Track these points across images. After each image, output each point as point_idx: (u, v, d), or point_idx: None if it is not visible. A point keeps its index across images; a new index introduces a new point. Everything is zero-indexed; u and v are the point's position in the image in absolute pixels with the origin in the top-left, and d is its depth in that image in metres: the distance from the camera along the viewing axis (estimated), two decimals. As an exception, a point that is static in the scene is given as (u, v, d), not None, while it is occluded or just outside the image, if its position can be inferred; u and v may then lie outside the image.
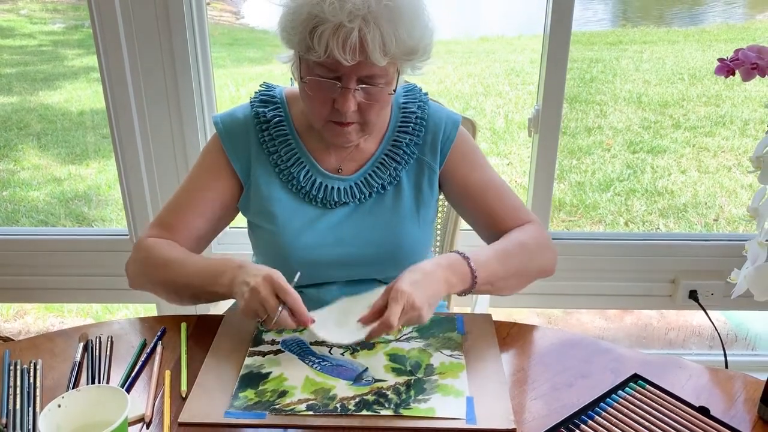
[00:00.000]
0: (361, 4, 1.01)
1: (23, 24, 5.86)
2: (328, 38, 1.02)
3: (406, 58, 1.10)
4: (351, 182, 1.22)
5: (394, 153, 1.23)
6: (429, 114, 1.25)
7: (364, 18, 1.01)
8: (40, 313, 2.59)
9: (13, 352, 1.09)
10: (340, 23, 1.01)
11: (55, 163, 3.94)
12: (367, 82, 1.08)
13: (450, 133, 1.25)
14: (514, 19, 7.04)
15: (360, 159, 1.23)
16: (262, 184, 1.21)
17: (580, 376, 1.04)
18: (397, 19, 1.04)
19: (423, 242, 1.27)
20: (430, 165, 1.24)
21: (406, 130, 1.23)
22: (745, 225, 3.29)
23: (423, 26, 1.09)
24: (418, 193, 1.23)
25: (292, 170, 1.20)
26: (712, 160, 3.92)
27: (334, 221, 1.21)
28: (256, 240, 1.27)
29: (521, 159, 3.96)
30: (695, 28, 6.57)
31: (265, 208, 1.20)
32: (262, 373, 1.03)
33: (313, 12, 1.02)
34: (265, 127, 1.22)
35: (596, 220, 3.40)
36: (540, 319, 2.54)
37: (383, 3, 1.02)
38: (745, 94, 4.57)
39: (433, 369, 1.03)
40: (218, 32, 6.29)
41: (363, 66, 1.05)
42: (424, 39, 1.10)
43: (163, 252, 1.17)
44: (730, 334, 2.37)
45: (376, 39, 1.02)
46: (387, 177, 1.22)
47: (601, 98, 4.65)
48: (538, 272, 1.21)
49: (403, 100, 1.26)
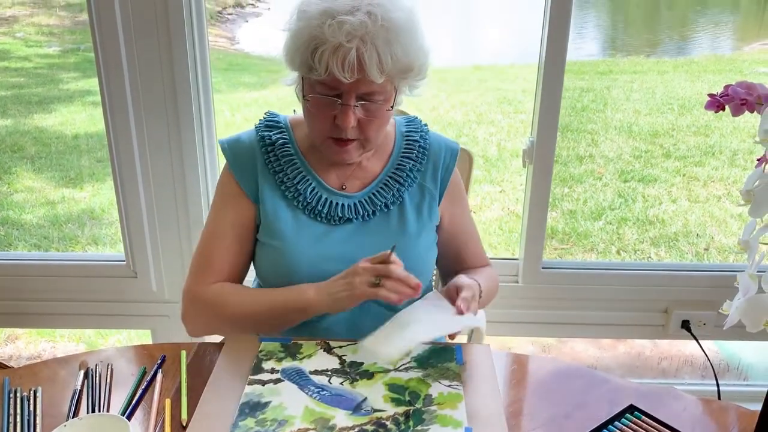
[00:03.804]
0: (359, 26, 1.08)
1: (19, 47, 5.88)
2: (328, 58, 1.09)
3: (402, 75, 1.17)
4: (355, 199, 1.26)
5: (397, 175, 1.28)
6: (430, 143, 1.32)
7: (362, 38, 1.08)
8: (31, 338, 2.57)
9: (12, 379, 1.09)
10: (339, 43, 1.08)
11: (49, 186, 3.93)
12: (366, 98, 1.15)
13: (449, 162, 1.32)
14: (506, 49, 7.14)
15: (364, 178, 1.28)
16: (269, 203, 1.24)
17: (577, 407, 1.05)
18: (393, 39, 1.11)
19: (426, 264, 1.31)
20: (431, 192, 1.30)
21: (410, 156, 1.30)
22: (735, 255, 3.32)
23: (418, 46, 1.16)
24: (419, 216, 1.28)
25: (298, 187, 1.25)
26: (702, 190, 3.96)
27: (338, 238, 1.24)
28: (260, 258, 1.29)
29: (513, 187, 3.99)
30: (684, 58, 6.68)
31: (271, 225, 1.24)
32: (261, 402, 1.03)
33: (314, 34, 1.09)
34: (270, 149, 1.26)
35: (588, 248, 3.42)
36: (534, 347, 2.55)
37: (379, 24, 1.09)
38: (734, 125, 4.64)
39: (432, 399, 1.04)
40: (214, 57, 6.31)
41: (362, 83, 1.12)
42: (419, 58, 1.17)
43: (225, 293, 1.24)
44: (722, 364, 2.39)
45: (373, 57, 1.09)
46: (390, 197, 1.27)
47: (592, 127, 4.70)
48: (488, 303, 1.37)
49: (405, 129, 1.33)
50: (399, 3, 1.15)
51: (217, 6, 7.82)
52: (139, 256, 1.96)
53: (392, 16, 1.11)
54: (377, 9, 1.10)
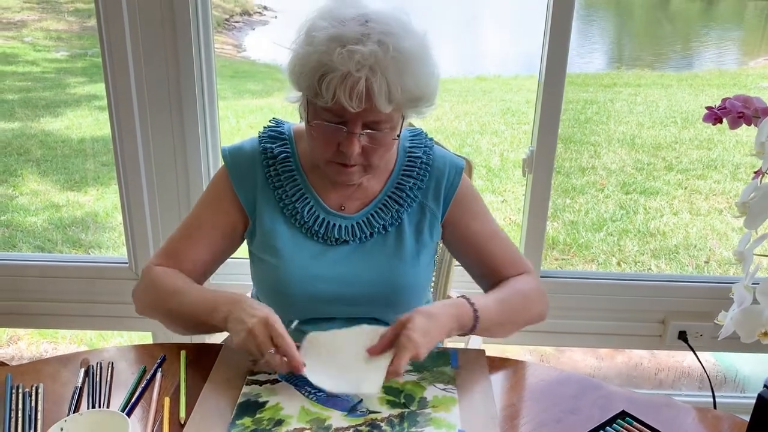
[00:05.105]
0: (369, 55, 1.04)
1: (27, 51, 5.94)
2: (335, 86, 1.05)
3: (412, 105, 1.14)
4: (353, 221, 1.23)
5: (397, 195, 1.25)
6: (434, 159, 1.27)
7: (371, 68, 1.04)
8: (33, 339, 2.59)
9: (14, 376, 1.11)
10: (348, 72, 1.04)
11: (54, 189, 3.97)
12: (372, 127, 1.11)
13: (453, 179, 1.27)
14: (510, 60, 7.17)
15: (363, 198, 1.25)
16: (266, 218, 1.23)
17: (568, 412, 1.06)
18: (404, 69, 1.07)
19: (422, 285, 1.29)
20: (432, 210, 1.26)
21: (411, 174, 1.26)
22: (735, 268, 3.33)
23: (429, 74, 1.12)
24: (419, 237, 1.25)
25: (297, 205, 1.23)
26: (704, 203, 3.98)
27: (334, 258, 1.22)
28: (256, 272, 1.29)
29: (516, 197, 4.01)
30: (688, 72, 6.71)
31: (267, 241, 1.22)
32: (258, 402, 1.05)
33: (323, 60, 1.05)
34: (272, 162, 1.24)
35: (589, 259, 3.43)
36: (532, 356, 2.56)
37: (390, 54, 1.05)
38: (737, 139, 4.65)
39: (427, 402, 1.06)
40: (220, 64, 6.35)
41: (368, 112, 1.08)
42: (429, 87, 1.13)
43: (169, 281, 1.20)
44: (719, 376, 2.40)
45: (383, 88, 1.05)
46: (389, 218, 1.24)
47: (595, 139, 4.72)
48: (531, 320, 1.26)
49: (409, 144, 1.28)
50: (411, 29, 1.11)
51: (224, 14, 7.88)
52: (142, 259, 1.98)
53: (404, 46, 1.07)
54: (389, 38, 1.06)
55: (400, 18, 1.11)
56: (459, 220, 1.28)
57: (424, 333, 1.05)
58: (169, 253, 1.25)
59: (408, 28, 1.10)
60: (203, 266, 1.26)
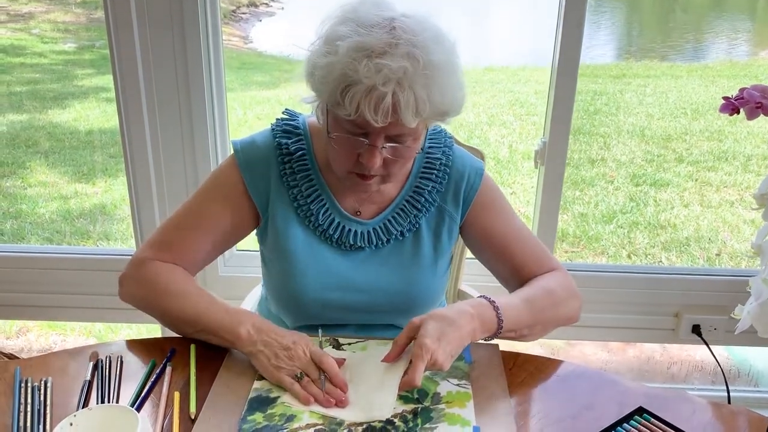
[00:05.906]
0: (397, 69, 0.98)
1: (35, 43, 5.94)
2: (359, 99, 0.99)
3: (439, 119, 1.10)
4: (369, 227, 1.20)
5: (415, 200, 1.20)
6: (453, 161, 1.22)
7: (399, 82, 0.98)
8: (42, 331, 2.59)
9: (23, 369, 1.10)
10: (373, 85, 0.98)
11: (62, 181, 3.96)
12: (395, 140, 1.06)
13: (474, 182, 1.23)
14: (519, 51, 7.13)
15: (380, 202, 1.21)
16: (279, 219, 1.19)
17: (585, 408, 1.04)
18: (432, 84, 1.01)
19: (438, 291, 1.26)
20: (451, 214, 1.22)
21: (430, 177, 1.21)
22: (747, 260, 3.30)
23: (457, 86, 1.07)
24: (437, 242, 1.22)
25: (312, 207, 1.18)
26: (715, 195, 3.94)
27: (348, 265, 1.19)
28: (268, 273, 1.26)
29: (525, 189, 3.98)
30: (698, 63, 6.65)
31: (280, 243, 1.19)
32: (270, 397, 1.03)
33: (347, 72, 0.99)
34: (287, 159, 1.18)
35: (599, 251, 3.41)
36: (543, 350, 2.54)
37: (420, 70, 0.99)
38: (748, 130, 4.61)
39: (440, 398, 1.04)
40: (227, 56, 6.34)
41: (393, 126, 1.03)
42: (456, 99, 1.08)
43: (172, 280, 1.16)
44: (732, 370, 2.37)
45: (410, 103, 1.00)
46: (407, 224, 1.20)
47: (604, 130, 4.69)
48: (563, 320, 1.20)
49: (428, 144, 1.22)
50: (441, 39, 1.04)
51: (231, 5, 7.86)
52: (150, 251, 1.97)
53: (434, 60, 1.00)
54: (419, 51, 0.99)
55: (429, 25, 1.04)
56: (479, 220, 1.23)
57: (438, 338, 1.00)
58: (163, 243, 1.20)
59: (438, 38, 1.04)
60: (201, 260, 1.22)
